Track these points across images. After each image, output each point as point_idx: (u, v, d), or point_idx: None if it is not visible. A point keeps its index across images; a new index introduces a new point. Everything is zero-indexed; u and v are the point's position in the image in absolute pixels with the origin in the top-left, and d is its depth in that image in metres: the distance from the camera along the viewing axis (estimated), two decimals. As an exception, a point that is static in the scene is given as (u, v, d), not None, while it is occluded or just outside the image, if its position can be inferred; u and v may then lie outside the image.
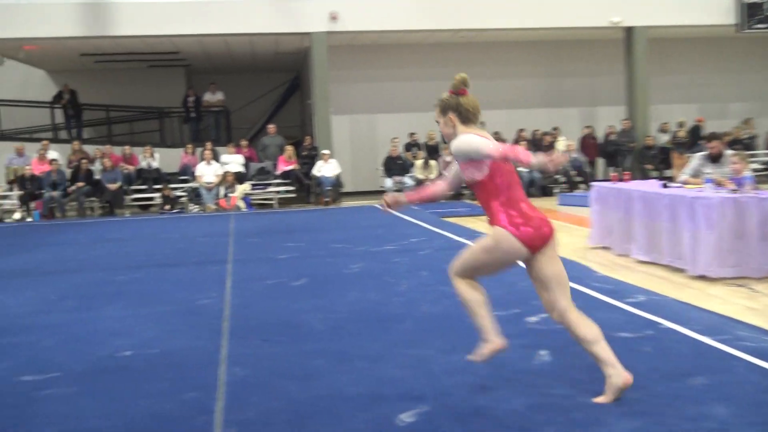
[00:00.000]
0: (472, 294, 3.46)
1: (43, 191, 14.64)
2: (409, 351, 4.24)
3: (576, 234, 9.22)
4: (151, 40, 15.65)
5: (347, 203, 15.21)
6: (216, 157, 15.55)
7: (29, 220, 14.34)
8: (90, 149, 16.28)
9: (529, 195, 14.97)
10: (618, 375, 3.31)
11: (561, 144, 16.49)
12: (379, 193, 16.02)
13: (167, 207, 14.80)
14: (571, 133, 17.16)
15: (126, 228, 12.36)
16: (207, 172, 15.05)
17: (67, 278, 7.23)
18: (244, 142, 16.71)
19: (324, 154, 15.34)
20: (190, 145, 16.33)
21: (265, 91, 20.77)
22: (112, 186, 14.84)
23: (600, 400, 3.34)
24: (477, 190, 3.45)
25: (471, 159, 3.35)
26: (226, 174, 15.01)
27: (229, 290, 6.26)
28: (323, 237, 9.69)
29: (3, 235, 11.85)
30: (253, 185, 15.41)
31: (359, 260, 7.57)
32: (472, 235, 9.25)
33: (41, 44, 15.69)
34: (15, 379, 4.01)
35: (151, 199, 15.41)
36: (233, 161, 15.65)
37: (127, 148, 16.12)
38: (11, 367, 4.22)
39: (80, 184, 14.76)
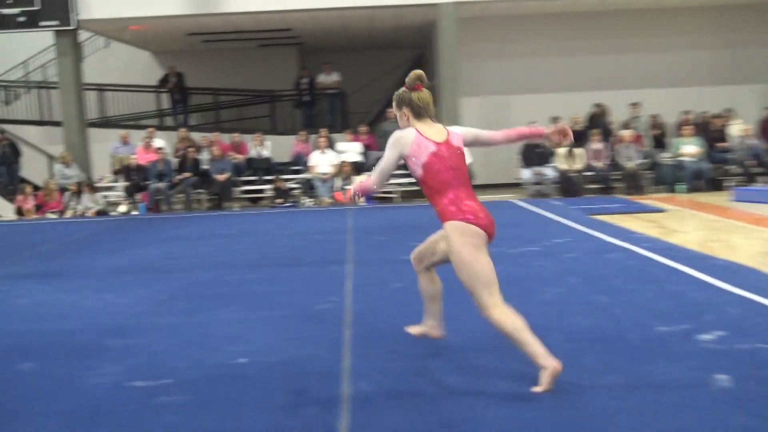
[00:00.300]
0: (511, 323, 3.82)
1: (148, 182, 15.45)
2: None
3: (755, 236, 8.77)
4: (262, 16, 16.18)
5: (479, 197, 15.12)
6: (331, 145, 15.89)
7: (135, 213, 15.20)
8: (197, 137, 17.04)
9: (696, 189, 14.51)
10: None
11: (735, 128, 15.72)
12: (515, 185, 15.88)
13: (279, 200, 15.27)
14: (748, 116, 16.32)
15: (235, 223, 12.85)
16: (322, 162, 15.40)
17: (176, 277, 7.60)
18: (362, 129, 16.97)
19: (452, 141, 15.33)
20: (303, 132, 16.77)
21: (385, 71, 20.97)
22: (221, 177, 15.44)
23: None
24: (421, 186, 4.07)
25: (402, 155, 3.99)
26: (342, 164, 15.30)
27: (350, 294, 6.38)
28: (452, 236, 9.67)
29: (110, 230, 12.61)
30: (373, 176, 15.60)
31: (495, 263, 7.44)
32: (627, 235, 8.99)
33: (148, 24, 16.56)
34: (128, 384, 4.26)
35: (261, 191, 15.96)
36: (350, 149, 15.94)
37: (236, 136, 16.74)
38: (124, 371, 4.49)
39: (187, 174, 15.45)
